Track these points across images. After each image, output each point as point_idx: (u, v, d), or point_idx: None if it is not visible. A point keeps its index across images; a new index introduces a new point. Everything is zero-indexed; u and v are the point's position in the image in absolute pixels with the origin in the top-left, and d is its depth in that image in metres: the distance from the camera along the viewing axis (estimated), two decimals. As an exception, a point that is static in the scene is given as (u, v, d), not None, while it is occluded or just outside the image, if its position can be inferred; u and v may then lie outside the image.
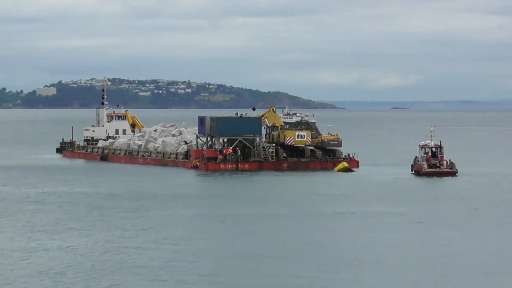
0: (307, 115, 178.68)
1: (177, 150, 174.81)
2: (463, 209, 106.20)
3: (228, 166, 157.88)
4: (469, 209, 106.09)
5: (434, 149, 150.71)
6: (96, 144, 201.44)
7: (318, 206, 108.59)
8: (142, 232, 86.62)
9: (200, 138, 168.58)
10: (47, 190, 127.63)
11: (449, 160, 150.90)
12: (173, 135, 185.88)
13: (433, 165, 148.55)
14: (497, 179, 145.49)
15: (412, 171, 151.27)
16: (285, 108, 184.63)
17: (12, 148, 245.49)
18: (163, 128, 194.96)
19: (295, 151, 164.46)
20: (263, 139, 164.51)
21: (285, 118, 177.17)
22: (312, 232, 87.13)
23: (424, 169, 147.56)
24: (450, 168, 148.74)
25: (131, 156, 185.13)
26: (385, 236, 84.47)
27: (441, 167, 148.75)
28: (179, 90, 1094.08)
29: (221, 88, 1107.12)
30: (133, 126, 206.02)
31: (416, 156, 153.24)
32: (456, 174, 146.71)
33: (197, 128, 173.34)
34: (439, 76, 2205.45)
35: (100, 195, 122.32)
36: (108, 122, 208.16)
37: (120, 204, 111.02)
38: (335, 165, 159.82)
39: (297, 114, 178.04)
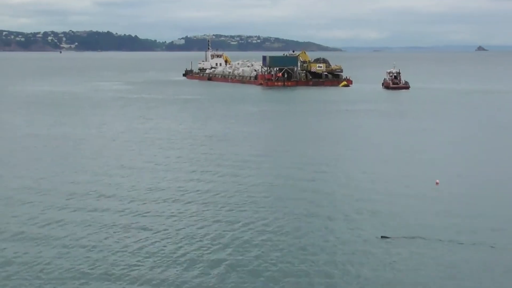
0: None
1: (251, 74, 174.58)
2: (415, 107, 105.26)
3: (279, 83, 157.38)
4: (418, 107, 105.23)
5: (395, 74, 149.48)
6: (205, 71, 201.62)
7: (328, 105, 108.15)
8: (209, 118, 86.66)
9: (263, 68, 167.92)
10: (170, 96, 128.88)
11: (405, 80, 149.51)
12: (248, 66, 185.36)
13: (395, 83, 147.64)
14: (433, 90, 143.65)
15: (382, 86, 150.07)
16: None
17: (159, 73, 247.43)
18: (242, 62, 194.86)
19: (316, 75, 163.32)
20: (299, 68, 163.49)
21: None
22: (320, 121, 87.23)
23: (390, 85, 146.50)
24: (405, 85, 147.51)
25: (224, 78, 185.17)
26: (368, 122, 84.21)
27: (400, 84, 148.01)
28: (253, 41, 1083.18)
29: (277, 40, 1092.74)
30: (225, 62, 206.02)
31: (384, 78, 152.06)
32: (409, 88, 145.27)
33: (261, 62, 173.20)
34: (401, 32, 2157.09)
35: (203, 98, 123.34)
36: (212, 59, 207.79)
37: (212, 103, 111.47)
38: (339, 83, 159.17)
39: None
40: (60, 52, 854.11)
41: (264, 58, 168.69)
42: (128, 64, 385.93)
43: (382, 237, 33.02)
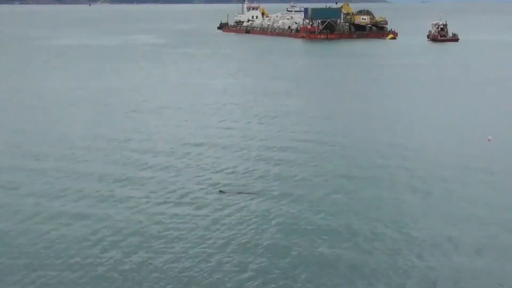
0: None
1: (292, 27, 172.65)
2: (463, 59, 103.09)
3: (322, 36, 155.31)
4: (470, 60, 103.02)
5: (442, 26, 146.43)
6: (242, 24, 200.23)
7: (375, 59, 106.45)
8: (251, 66, 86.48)
9: (305, 20, 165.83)
10: (205, 50, 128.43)
11: (452, 32, 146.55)
12: (288, 19, 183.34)
13: (442, 35, 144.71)
14: (484, 43, 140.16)
15: (428, 39, 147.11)
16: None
17: (196, 24, 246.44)
18: (282, 14, 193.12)
19: (360, 28, 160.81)
20: (342, 21, 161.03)
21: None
22: (364, 71, 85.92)
23: (438, 38, 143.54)
24: (454, 37, 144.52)
25: (263, 30, 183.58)
26: (413, 73, 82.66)
27: (447, 36, 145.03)
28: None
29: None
30: (262, 14, 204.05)
31: (429, 30, 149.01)
32: (458, 40, 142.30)
33: (302, 14, 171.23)
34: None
35: (242, 52, 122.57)
36: (248, 11, 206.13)
37: (251, 54, 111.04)
38: (384, 36, 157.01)
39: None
40: (90, 5, 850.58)
41: (305, 10, 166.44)
42: (164, 17, 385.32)
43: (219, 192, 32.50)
